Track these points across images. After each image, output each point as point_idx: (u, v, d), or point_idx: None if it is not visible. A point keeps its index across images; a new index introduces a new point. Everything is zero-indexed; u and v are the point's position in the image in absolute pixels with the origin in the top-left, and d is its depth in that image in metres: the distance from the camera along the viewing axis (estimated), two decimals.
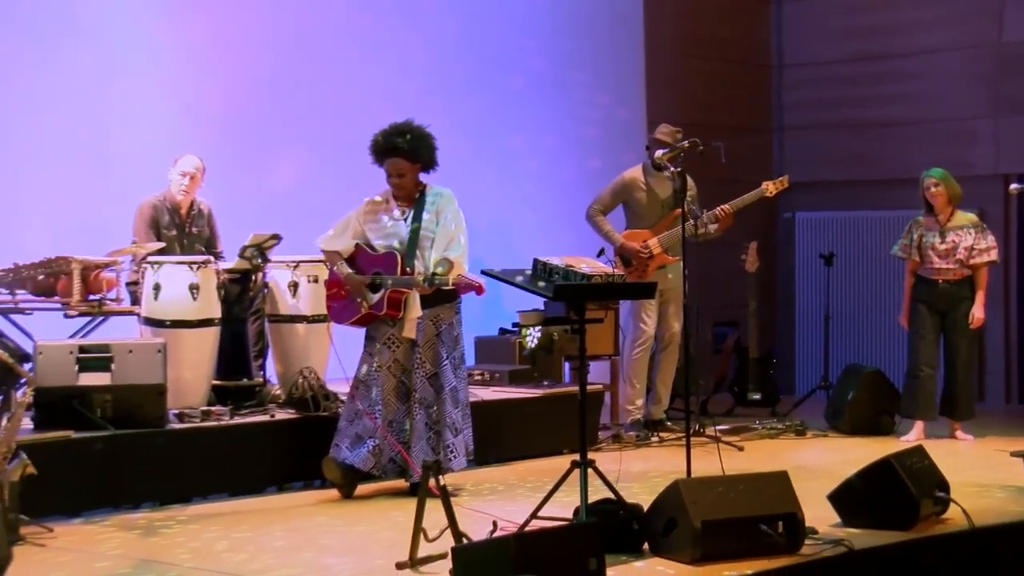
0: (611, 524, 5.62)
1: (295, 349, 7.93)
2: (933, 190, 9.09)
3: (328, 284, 7.32)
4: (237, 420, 7.45)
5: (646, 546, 5.70)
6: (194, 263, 7.58)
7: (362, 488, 7.20)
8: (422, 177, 7.15)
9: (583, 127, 11.37)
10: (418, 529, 5.41)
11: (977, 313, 9.10)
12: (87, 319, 7.68)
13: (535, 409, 8.65)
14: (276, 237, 7.82)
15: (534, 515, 5.93)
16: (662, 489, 5.75)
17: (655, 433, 9.10)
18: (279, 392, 7.96)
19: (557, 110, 11.24)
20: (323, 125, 9.68)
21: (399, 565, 5.39)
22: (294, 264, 7.96)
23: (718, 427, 8.92)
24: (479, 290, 6.82)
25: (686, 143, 7.69)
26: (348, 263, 7.12)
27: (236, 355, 7.99)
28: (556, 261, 6.50)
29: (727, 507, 5.56)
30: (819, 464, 8.10)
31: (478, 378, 9.03)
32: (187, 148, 8.19)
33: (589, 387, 6.44)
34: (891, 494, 6.10)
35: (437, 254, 6.97)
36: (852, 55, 12.35)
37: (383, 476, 7.15)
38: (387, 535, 6.11)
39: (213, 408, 7.48)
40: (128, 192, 8.17)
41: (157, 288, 7.51)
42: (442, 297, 7.02)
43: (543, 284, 6.34)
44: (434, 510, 5.41)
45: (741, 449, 8.63)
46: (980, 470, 7.80)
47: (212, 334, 7.64)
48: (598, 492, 5.93)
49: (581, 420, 5.99)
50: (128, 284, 7.88)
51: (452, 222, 7.05)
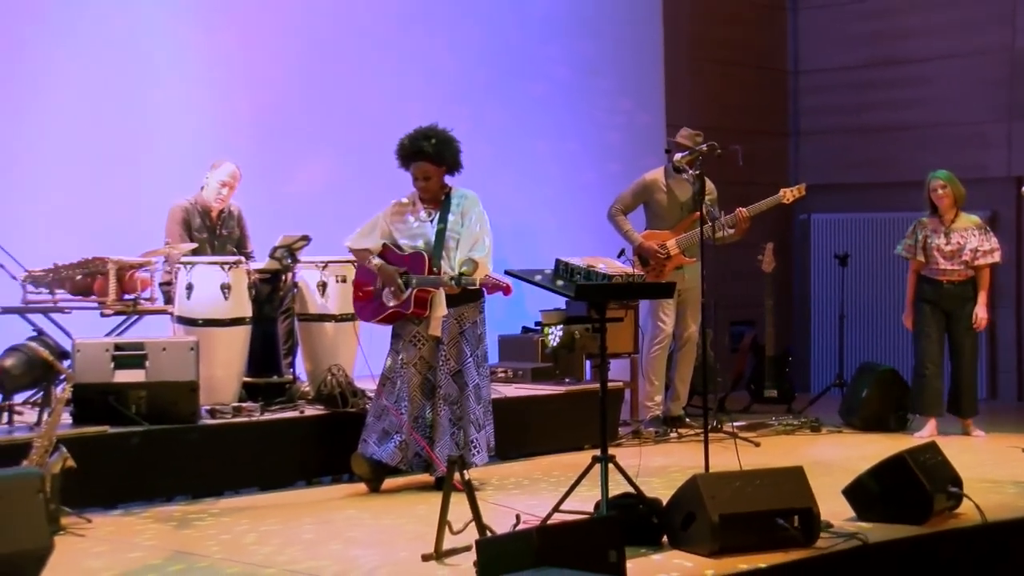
0: (631, 518, 5.62)
1: (324, 347, 7.95)
2: (940, 191, 9.05)
3: (354, 284, 7.34)
4: (267, 416, 7.47)
5: (665, 539, 5.69)
6: (226, 263, 7.60)
7: (389, 482, 7.21)
8: (447, 179, 7.17)
9: (604, 132, 11.36)
10: (443, 522, 5.41)
11: (981, 313, 9.06)
12: (122, 318, 7.71)
13: (557, 406, 8.65)
14: (305, 238, 7.83)
15: (556, 509, 5.94)
16: (681, 484, 5.74)
17: (674, 429, 9.09)
18: (308, 389, 7.97)
19: (579, 116, 11.23)
20: (351, 130, 9.69)
21: (425, 557, 5.39)
22: (323, 264, 7.98)
23: (735, 423, 8.90)
24: (507, 291, 6.83)
25: (704, 146, 7.68)
26: None
27: (266, 353, 8.00)
28: (577, 261, 6.49)
29: (744, 501, 5.56)
30: (834, 460, 8.07)
31: (502, 375, 9.03)
32: (218, 153, 8.21)
33: (609, 384, 6.42)
34: (905, 489, 6.08)
35: (462, 254, 6.98)
36: (867, 60, 12.31)
37: (409, 470, 7.15)
38: (413, 528, 6.11)
39: (244, 404, 7.51)
40: (162, 196, 8.19)
41: (190, 288, 7.53)
42: (467, 296, 7.03)
43: (564, 284, 6.34)
44: (459, 504, 5.41)
45: (758, 445, 8.61)
46: (993, 466, 7.77)
47: (243, 332, 7.66)
48: (618, 486, 5.92)
49: (602, 416, 5.99)
50: (161, 284, 7.91)
51: (477, 223, 7.06)
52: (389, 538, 5.98)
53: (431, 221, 7.10)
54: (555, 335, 9.29)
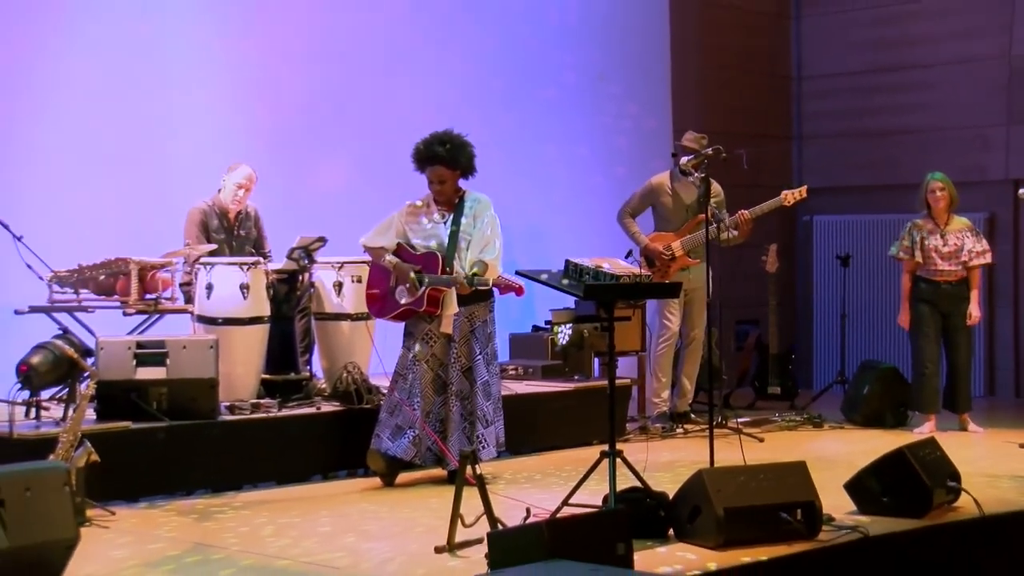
0: (638, 511, 5.62)
1: (340, 345, 7.95)
2: (938, 193, 9.03)
3: (368, 282, 7.35)
4: (285, 412, 7.48)
5: (671, 532, 5.69)
6: (245, 264, 7.60)
7: (402, 476, 7.21)
8: (461, 183, 7.18)
9: (612, 137, 11.33)
10: (455, 515, 5.41)
11: (975, 312, 9.05)
12: (144, 317, 7.72)
13: (566, 402, 8.64)
14: (322, 239, 7.84)
15: (566, 502, 5.94)
16: (687, 478, 5.74)
17: (680, 425, 9.08)
18: (324, 386, 7.98)
19: (588, 121, 11.22)
20: (367, 134, 9.69)
21: (438, 549, 5.39)
22: (339, 265, 7.98)
23: (740, 419, 8.91)
24: (519, 291, 6.84)
25: (710, 150, 7.66)
26: None
27: (284, 351, 8.01)
28: (586, 262, 6.50)
29: (748, 495, 5.55)
30: (835, 455, 8.06)
31: (512, 373, 9.03)
32: (237, 157, 8.21)
33: (617, 381, 6.42)
34: (905, 483, 6.07)
35: (473, 256, 7.00)
36: (868, 67, 12.29)
37: (423, 465, 7.16)
38: (426, 521, 6.11)
39: (262, 401, 7.52)
40: (182, 198, 8.19)
41: (210, 288, 7.54)
42: (477, 296, 7.03)
43: (569, 282, 6.33)
44: (471, 497, 5.42)
45: (761, 440, 8.60)
46: (990, 461, 7.76)
47: (261, 331, 7.67)
48: (626, 481, 5.92)
49: (610, 412, 5.99)
50: (181, 285, 7.92)
51: (488, 226, 7.07)
52: (402, 531, 5.99)
53: (444, 223, 7.11)
54: (565, 333, 9.29)
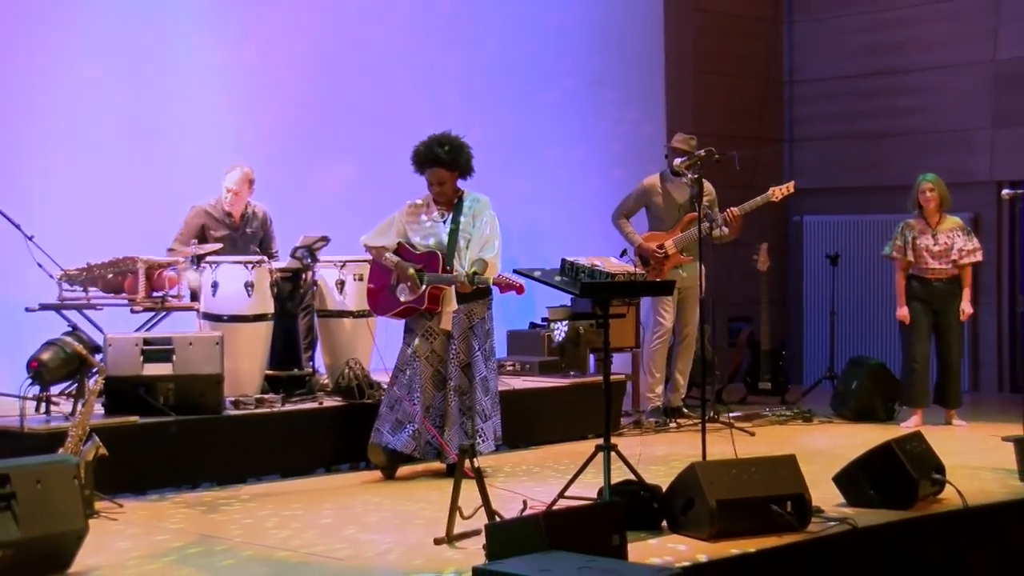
0: (633, 503, 5.60)
1: (342, 342, 7.93)
2: (928, 194, 9.03)
3: (368, 280, 7.34)
4: (288, 407, 7.46)
5: (665, 524, 5.67)
6: (249, 262, 7.59)
7: (402, 469, 7.19)
8: (460, 183, 7.16)
9: (609, 140, 11.32)
10: (454, 508, 5.40)
11: (967, 308, 9.04)
12: (151, 314, 7.71)
13: (563, 397, 8.63)
14: (324, 239, 7.83)
15: (561, 495, 5.92)
16: (680, 471, 5.72)
17: (673, 420, 9.07)
18: (327, 381, 7.97)
19: (586, 125, 11.21)
20: (369, 136, 9.68)
21: (437, 541, 5.38)
22: (341, 263, 7.97)
23: (732, 414, 8.90)
24: (519, 290, 6.83)
25: (703, 152, 7.64)
26: None
27: (288, 347, 7.99)
28: (582, 261, 6.47)
29: (740, 488, 5.54)
30: (825, 448, 8.04)
31: (510, 368, 9.03)
32: (241, 158, 8.20)
33: (612, 377, 6.40)
34: (892, 476, 6.06)
35: (472, 255, 6.99)
36: (858, 71, 12.27)
37: (422, 458, 7.14)
38: (426, 513, 6.10)
39: (266, 396, 7.50)
40: (188, 198, 8.18)
41: (215, 285, 7.53)
42: (476, 294, 7.02)
43: (562, 279, 6.30)
44: (469, 490, 5.40)
45: (753, 434, 8.57)
46: (974, 454, 7.74)
47: (266, 328, 7.66)
48: (621, 474, 5.90)
49: (605, 407, 5.97)
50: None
51: (487, 226, 7.06)
52: (403, 523, 5.97)
53: (444, 222, 7.10)
54: (561, 330, 9.27)
